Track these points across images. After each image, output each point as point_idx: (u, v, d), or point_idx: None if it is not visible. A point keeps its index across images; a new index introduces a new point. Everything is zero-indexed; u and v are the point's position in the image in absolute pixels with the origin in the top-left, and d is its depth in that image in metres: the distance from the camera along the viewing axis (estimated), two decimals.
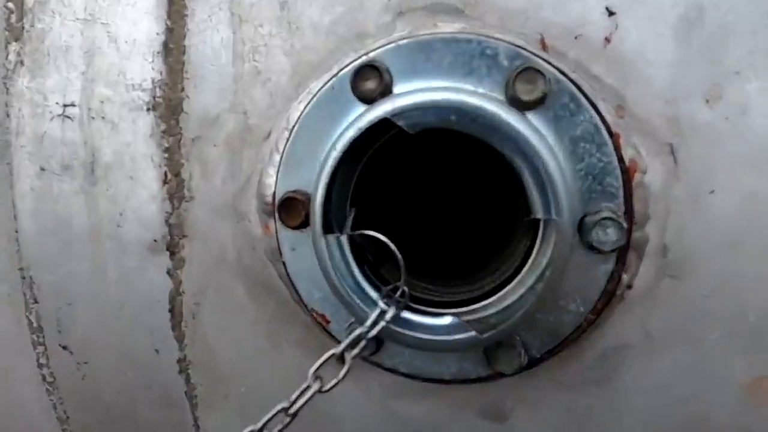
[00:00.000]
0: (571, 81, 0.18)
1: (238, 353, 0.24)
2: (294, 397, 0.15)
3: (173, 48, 0.22)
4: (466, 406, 0.22)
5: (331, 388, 0.15)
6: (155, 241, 0.23)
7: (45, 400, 0.28)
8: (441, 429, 0.23)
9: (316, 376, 0.15)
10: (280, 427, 0.17)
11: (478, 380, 0.20)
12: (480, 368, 0.20)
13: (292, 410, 0.15)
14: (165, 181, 0.23)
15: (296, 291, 0.21)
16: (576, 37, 0.20)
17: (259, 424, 0.16)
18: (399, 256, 0.17)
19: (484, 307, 0.18)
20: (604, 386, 0.21)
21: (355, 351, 0.17)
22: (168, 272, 0.24)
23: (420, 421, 0.23)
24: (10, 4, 0.23)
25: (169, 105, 0.23)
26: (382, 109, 0.17)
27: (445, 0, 0.20)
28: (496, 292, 0.19)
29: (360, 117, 0.18)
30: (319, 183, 0.18)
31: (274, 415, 0.16)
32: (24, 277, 0.27)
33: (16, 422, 0.28)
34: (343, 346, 0.16)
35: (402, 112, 0.17)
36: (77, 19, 0.22)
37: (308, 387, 0.15)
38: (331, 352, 0.16)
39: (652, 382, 0.21)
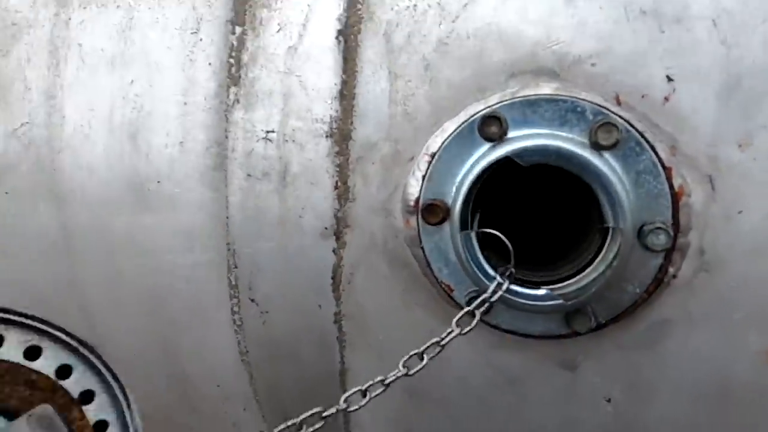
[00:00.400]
0: (637, 130, 0.26)
1: (379, 311, 0.33)
2: (443, 335, 0.24)
3: (346, 94, 0.31)
4: (548, 357, 0.30)
5: (469, 331, 0.24)
6: (326, 228, 0.33)
7: (232, 338, 0.39)
8: (528, 375, 0.32)
9: (458, 324, 0.24)
10: (418, 366, 0.25)
11: (559, 337, 0.28)
12: (561, 328, 0.28)
13: (443, 343, 0.23)
14: (336, 187, 0.32)
15: (429, 267, 0.30)
16: (642, 96, 0.27)
17: (412, 353, 0.24)
18: (510, 247, 0.26)
19: (568, 285, 0.26)
20: (650, 350, 0.29)
21: (482, 309, 0.25)
22: (333, 251, 0.33)
23: (512, 368, 0.32)
24: (231, 60, 0.33)
25: (341, 134, 0.32)
26: (505, 150, 0.26)
27: (545, 65, 0.28)
28: (576, 276, 0.27)
29: (488, 153, 0.26)
30: (459, 196, 0.27)
31: (427, 348, 0.24)
32: (229, 249, 0.37)
33: (209, 352, 0.39)
34: (474, 305, 0.25)
35: (519, 154, 0.25)
36: (278, 71, 0.32)
37: (451, 331, 0.23)
38: (466, 309, 0.25)
39: (689, 349, 0.29)
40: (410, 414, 0.37)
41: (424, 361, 0.25)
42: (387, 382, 0.24)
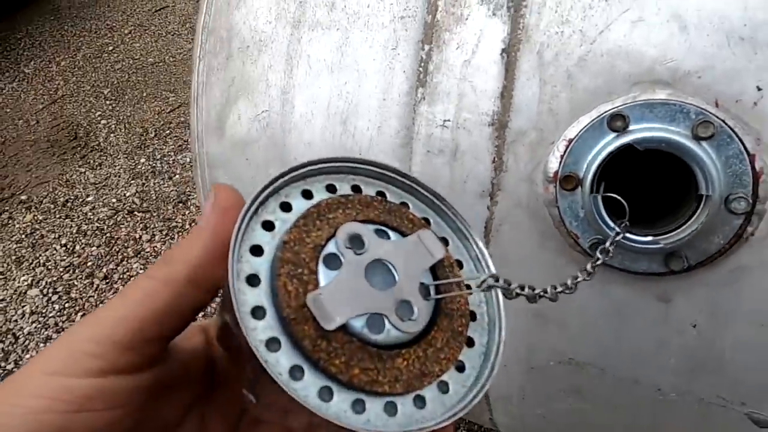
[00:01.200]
0: (729, 126, 0.36)
1: (519, 254, 0.46)
2: (585, 268, 0.35)
3: (506, 95, 0.44)
4: (648, 291, 0.41)
5: (597, 267, 0.34)
6: (483, 191, 0.46)
7: None
8: (632, 305, 0.43)
9: (593, 264, 0.35)
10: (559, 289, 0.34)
11: (658, 275, 0.40)
12: (660, 267, 0.39)
13: (587, 271, 0.35)
14: (493, 161, 0.45)
15: (562, 221, 0.42)
16: (736, 101, 0.37)
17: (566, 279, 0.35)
18: (626, 206, 0.37)
19: (669, 236, 0.37)
20: (730, 288, 0.39)
21: (607, 252, 0.37)
22: (487, 207, 0.46)
23: (620, 299, 0.43)
24: (420, 69, 0.47)
25: (500, 124, 0.44)
26: (629, 138, 0.37)
27: (661, 77, 0.39)
28: (675, 230, 0.38)
29: (613, 140, 0.38)
30: (590, 170, 0.38)
31: (578, 279, 0.35)
32: None
33: None
34: (608, 243, 0.37)
35: (639, 141, 0.36)
36: (455, 78, 0.45)
37: (584, 269, 0.34)
38: (599, 253, 0.36)
39: (761, 288, 0.39)
40: (534, 331, 0.49)
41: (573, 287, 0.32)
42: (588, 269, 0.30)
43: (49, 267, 1.72)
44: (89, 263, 1.72)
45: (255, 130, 0.55)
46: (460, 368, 0.22)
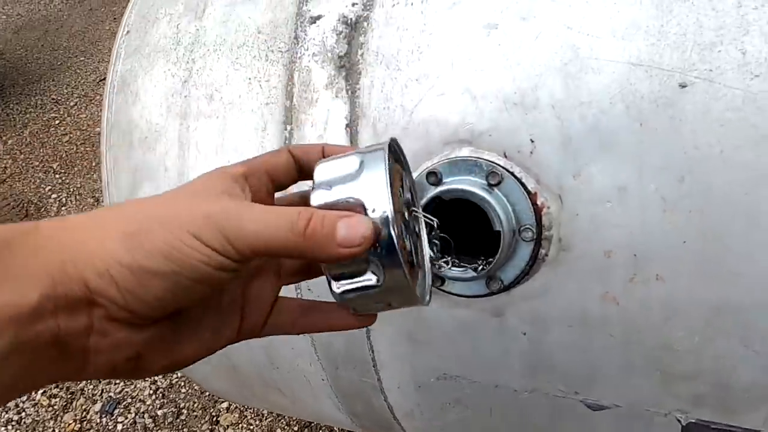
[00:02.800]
0: (513, 173, 0.46)
1: None
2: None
3: None
4: (484, 309, 0.50)
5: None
6: None
7: None
8: (476, 321, 0.52)
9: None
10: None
11: (484, 296, 0.49)
12: (484, 290, 0.48)
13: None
14: None
15: None
16: (518, 152, 0.47)
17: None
18: (452, 243, 0.46)
19: (485, 266, 0.46)
20: (541, 299, 0.48)
21: (442, 281, 0.46)
22: None
23: (466, 318, 0.51)
24: (285, 144, 0.56)
25: None
26: (436, 191, 0.46)
27: (464, 137, 0.48)
28: (488, 261, 0.47)
29: (430, 192, 0.47)
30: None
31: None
32: None
33: None
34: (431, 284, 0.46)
35: (443, 193, 0.46)
36: None
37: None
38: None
39: (563, 296, 0.48)
40: (412, 354, 0.57)
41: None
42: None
43: None
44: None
45: None
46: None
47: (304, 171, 0.35)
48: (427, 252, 0.37)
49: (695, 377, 0.47)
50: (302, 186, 0.39)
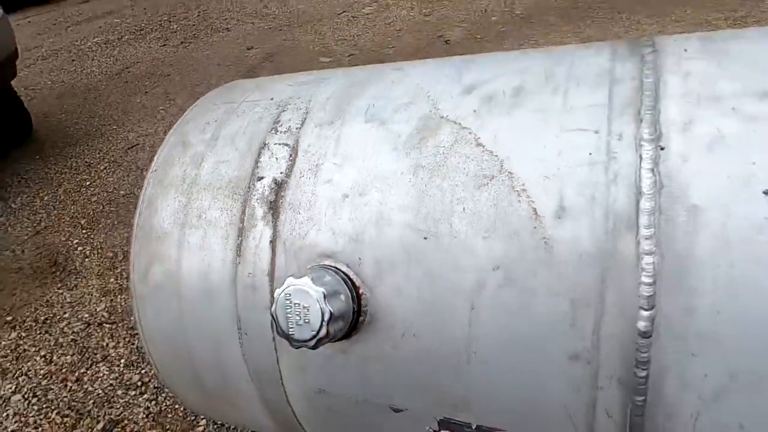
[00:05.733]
0: (347, 275, 0.87)
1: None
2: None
3: (271, 269, 0.95)
4: (333, 347, 0.90)
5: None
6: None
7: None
8: (331, 354, 0.91)
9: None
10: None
11: (336, 340, 0.88)
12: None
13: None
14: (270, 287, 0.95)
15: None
16: (354, 263, 0.88)
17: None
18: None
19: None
20: (359, 343, 0.88)
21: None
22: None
23: (326, 352, 0.91)
24: (238, 249, 0.98)
25: (270, 277, 0.95)
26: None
27: (328, 254, 0.91)
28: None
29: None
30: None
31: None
32: None
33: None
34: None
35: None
36: (251, 255, 0.96)
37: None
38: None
39: (372, 349, 0.87)
40: (302, 374, 0.96)
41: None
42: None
43: (30, 375, 2.10)
44: (64, 370, 2.11)
45: (163, 279, 1.04)
46: None
47: None
48: None
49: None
50: None
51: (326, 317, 0.79)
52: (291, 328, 0.82)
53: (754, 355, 0.64)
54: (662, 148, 0.72)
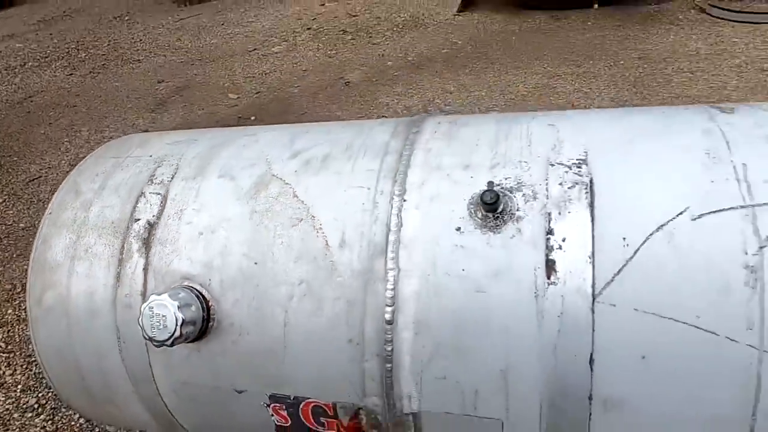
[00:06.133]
0: (199, 292, 1.18)
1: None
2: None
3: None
4: (186, 347, 1.20)
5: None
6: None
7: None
8: (190, 351, 1.21)
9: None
10: None
11: (192, 341, 1.18)
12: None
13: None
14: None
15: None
16: (205, 282, 1.19)
17: None
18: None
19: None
20: (211, 342, 1.19)
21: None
22: None
23: (188, 347, 1.21)
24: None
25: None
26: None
27: (188, 277, 1.22)
28: None
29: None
30: None
31: None
32: None
33: None
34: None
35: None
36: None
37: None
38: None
39: (224, 344, 1.19)
40: (167, 368, 1.25)
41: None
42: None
43: None
44: None
45: (54, 303, 1.29)
46: None
47: None
48: None
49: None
50: None
51: (179, 322, 1.09)
52: (153, 332, 1.11)
53: (449, 332, 1.02)
54: (405, 200, 1.11)
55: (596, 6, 5.15)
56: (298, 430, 1.21)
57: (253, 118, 4.41)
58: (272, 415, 1.21)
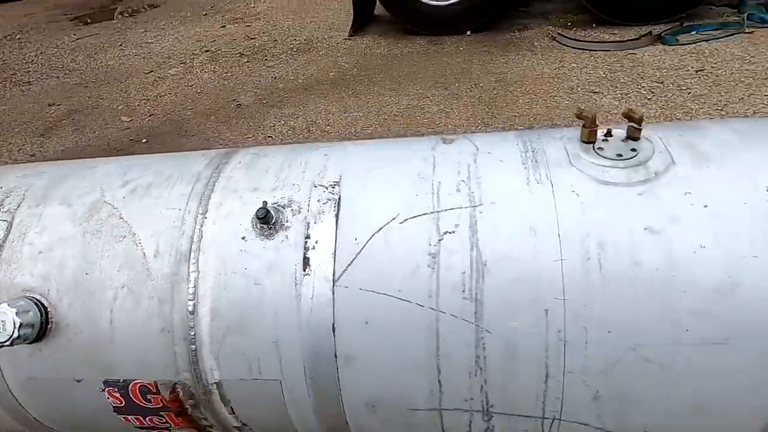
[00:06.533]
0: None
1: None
2: None
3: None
4: None
5: None
6: None
7: None
8: None
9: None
10: None
11: None
12: None
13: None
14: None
15: None
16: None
17: None
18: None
19: None
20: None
21: None
22: None
23: None
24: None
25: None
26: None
27: (30, 291, 1.46)
28: None
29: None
30: None
31: None
32: None
33: None
34: None
35: None
36: None
37: None
38: None
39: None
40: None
41: None
42: None
43: None
44: None
45: None
46: None
47: None
48: None
49: None
50: None
51: (17, 326, 1.33)
52: None
53: (236, 317, 1.34)
54: (206, 218, 1.42)
55: (469, 33, 5.77)
56: (132, 409, 1.48)
57: (144, 141, 4.56)
58: (108, 398, 1.47)
